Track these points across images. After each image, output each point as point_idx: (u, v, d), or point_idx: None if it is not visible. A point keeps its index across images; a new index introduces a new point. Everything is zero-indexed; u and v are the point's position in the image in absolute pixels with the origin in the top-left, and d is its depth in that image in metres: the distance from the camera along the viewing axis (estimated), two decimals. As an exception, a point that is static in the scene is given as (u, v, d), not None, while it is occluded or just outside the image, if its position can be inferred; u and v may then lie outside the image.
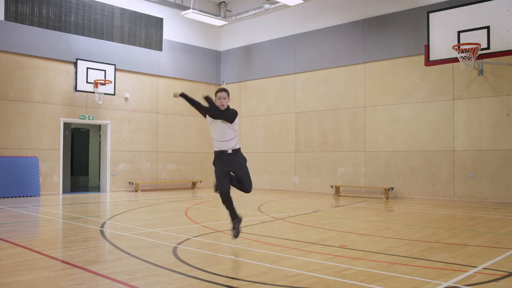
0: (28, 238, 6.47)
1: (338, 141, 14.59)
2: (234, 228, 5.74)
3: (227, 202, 5.71)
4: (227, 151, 5.71)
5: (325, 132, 14.94)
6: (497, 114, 11.58)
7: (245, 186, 5.85)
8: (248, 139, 16.96)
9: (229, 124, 5.71)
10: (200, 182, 17.04)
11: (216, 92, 5.80)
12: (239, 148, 5.85)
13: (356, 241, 6.12)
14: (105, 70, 14.41)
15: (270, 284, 4.00)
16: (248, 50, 17.44)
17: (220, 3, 17.50)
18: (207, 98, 5.55)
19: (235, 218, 5.75)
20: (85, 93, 14.26)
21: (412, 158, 12.91)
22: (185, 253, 5.29)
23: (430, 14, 11.12)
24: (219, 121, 5.71)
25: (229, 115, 5.68)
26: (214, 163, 5.86)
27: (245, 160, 5.89)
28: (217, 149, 5.79)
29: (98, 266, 4.71)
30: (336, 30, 14.77)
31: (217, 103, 5.69)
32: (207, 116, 5.81)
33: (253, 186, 16.52)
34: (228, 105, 5.82)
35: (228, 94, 5.81)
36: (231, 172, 5.80)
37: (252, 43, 17.30)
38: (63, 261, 4.89)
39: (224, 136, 5.71)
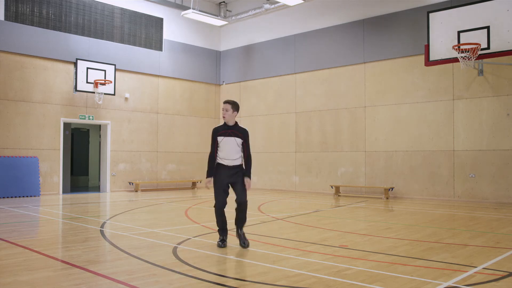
0: (28, 238, 6.47)
1: (338, 141, 14.59)
2: (220, 240, 5.71)
3: (220, 218, 5.65)
4: (231, 165, 5.61)
5: (325, 132, 14.93)
6: (497, 114, 11.58)
7: (242, 196, 5.62)
8: (248, 139, 16.94)
9: (239, 143, 5.66)
10: (200, 182, 17.03)
11: (224, 103, 5.74)
12: (241, 164, 5.75)
13: (356, 241, 6.12)
14: (105, 70, 14.40)
15: (270, 284, 4.00)
16: (248, 50, 17.43)
17: (220, 3, 17.50)
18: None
19: (222, 235, 5.70)
20: (85, 93, 14.26)
21: (412, 158, 12.91)
22: (185, 253, 5.29)
23: (430, 14, 11.12)
24: (230, 140, 5.60)
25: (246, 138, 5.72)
26: (214, 176, 5.67)
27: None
28: (220, 163, 5.65)
29: (98, 266, 4.71)
30: (336, 30, 14.77)
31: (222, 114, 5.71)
32: (218, 137, 5.62)
33: (253, 186, 16.67)
34: (236, 121, 5.73)
35: (234, 108, 5.65)
36: (230, 183, 5.66)
37: (252, 43, 17.29)
38: (63, 261, 4.89)
39: (235, 155, 5.64)
